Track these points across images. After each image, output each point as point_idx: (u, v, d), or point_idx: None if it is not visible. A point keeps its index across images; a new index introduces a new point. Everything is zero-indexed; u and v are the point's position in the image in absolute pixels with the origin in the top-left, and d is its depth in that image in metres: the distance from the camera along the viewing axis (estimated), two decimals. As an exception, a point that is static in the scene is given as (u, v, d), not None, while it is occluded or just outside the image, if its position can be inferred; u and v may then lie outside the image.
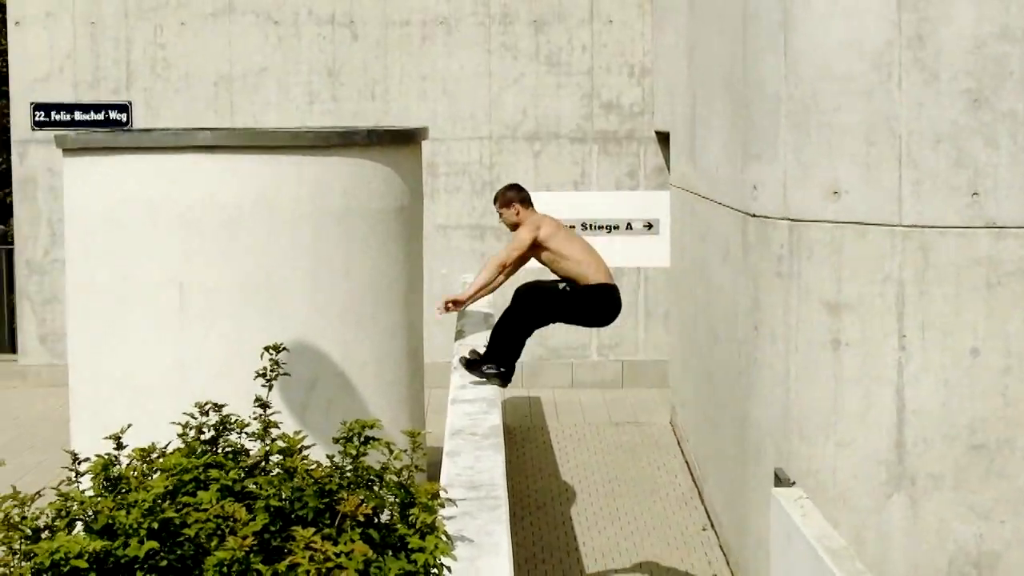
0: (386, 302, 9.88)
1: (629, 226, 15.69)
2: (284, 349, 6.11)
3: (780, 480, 9.38)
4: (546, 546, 11.78)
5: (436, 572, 4.73)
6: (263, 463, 5.40)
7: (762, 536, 9.76)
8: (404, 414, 10.20)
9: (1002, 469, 9.01)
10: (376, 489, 5.18)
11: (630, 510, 12.75)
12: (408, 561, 4.74)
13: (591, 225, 15.91)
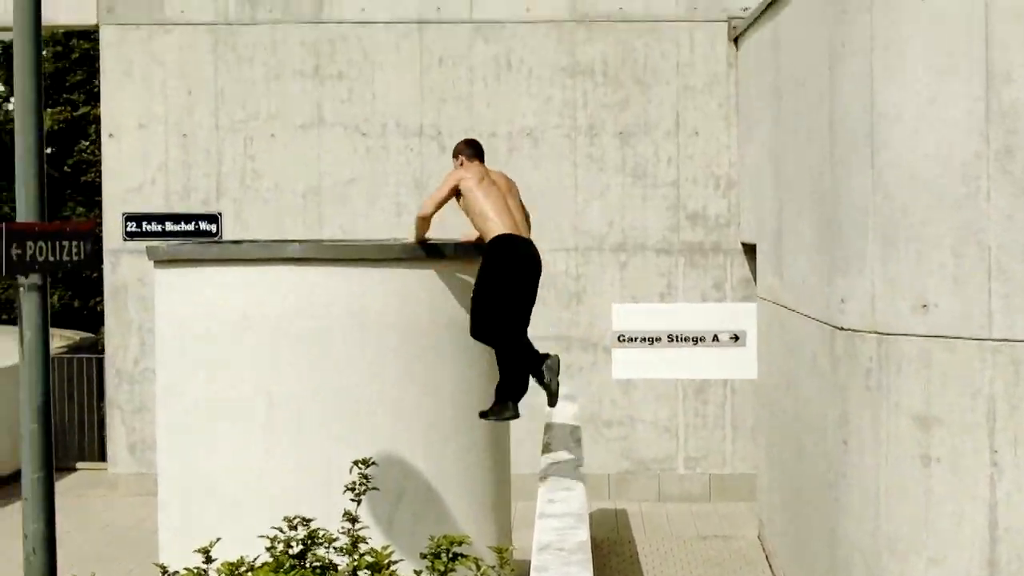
0: (472, 415, 9.86)
1: (715, 338, 15.64)
2: (373, 464, 6.12)
3: (871, 597, 9.25)
4: (632, 662, 11.65)
5: None
6: (350, 578, 5.40)
7: (852, 654, 9.62)
8: (490, 527, 10.16)
9: (1099, 588, 8.84)
10: (463, 605, 5.16)
11: (717, 626, 12.59)
12: None
13: (677, 337, 15.87)
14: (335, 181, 17.35)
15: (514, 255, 9.32)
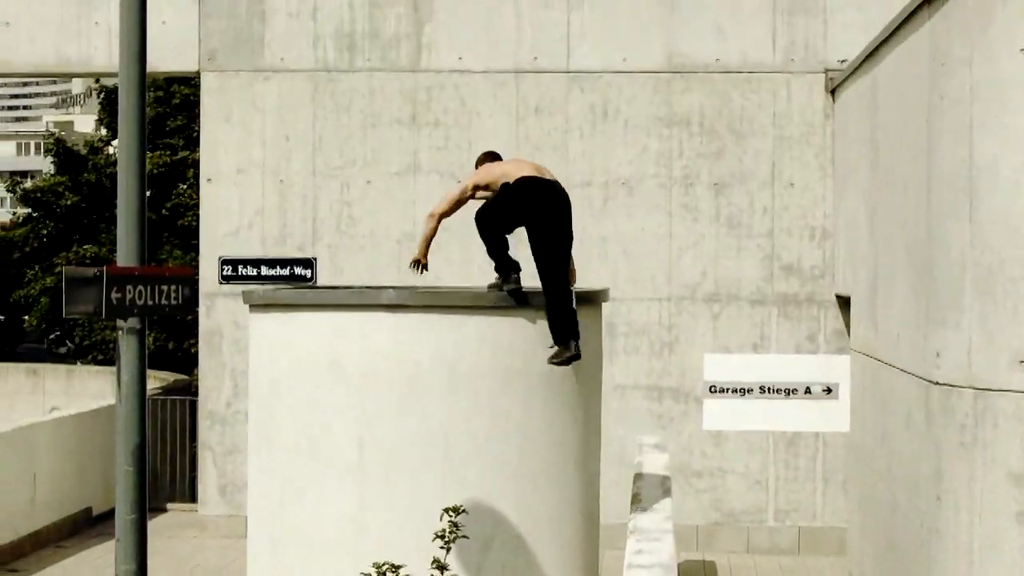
0: (562, 463, 9.85)
1: (808, 390, 15.56)
2: (463, 511, 6.12)
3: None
4: None
5: None
6: (439, 625, 5.40)
7: None
8: (579, 577, 10.13)
9: None
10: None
11: None
12: None
13: (769, 388, 15.79)
14: (429, 228, 17.40)
15: (535, 194, 9.77)
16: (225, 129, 17.79)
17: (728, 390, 16.73)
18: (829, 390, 15.58)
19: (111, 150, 43.63)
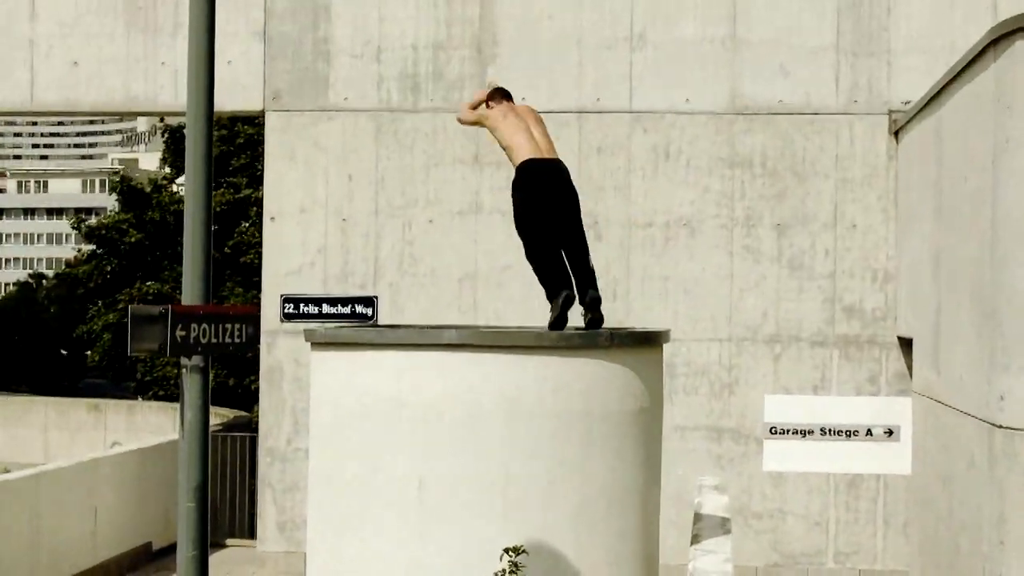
0: (622, 504, 9.83)
1: (869, 432, 15.48)
2: (523, 551, 6.13)
3: None
4: None
5: None
6: (499, 666, 5.40)
7: None
8: (638, 619, 10.09)
9: None
10: None
11: None
12: None
13: (830, 430, 15.72)
14: (491, 267, 17.49)
15: (534, 172, 10.33)
16: (289, 168, 17.92)
17: (788, 431, 16.67)
18: (891, 432, 15.50)
19: (175, 188, 44.04)
